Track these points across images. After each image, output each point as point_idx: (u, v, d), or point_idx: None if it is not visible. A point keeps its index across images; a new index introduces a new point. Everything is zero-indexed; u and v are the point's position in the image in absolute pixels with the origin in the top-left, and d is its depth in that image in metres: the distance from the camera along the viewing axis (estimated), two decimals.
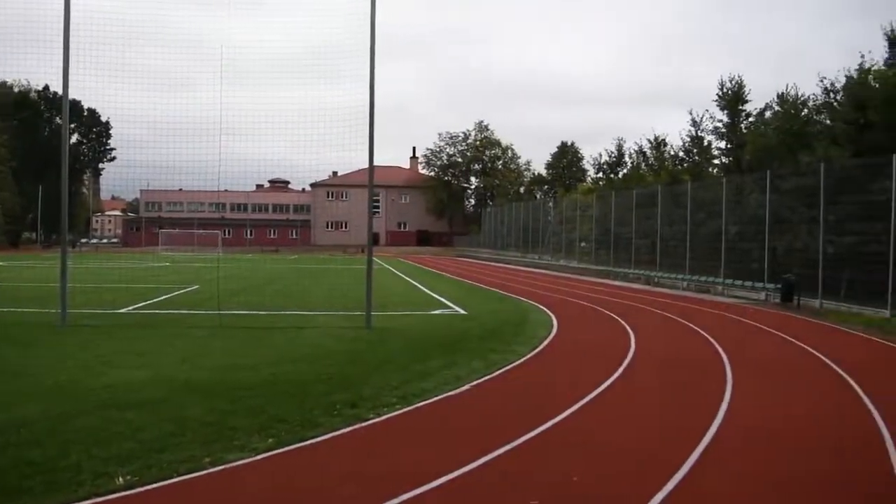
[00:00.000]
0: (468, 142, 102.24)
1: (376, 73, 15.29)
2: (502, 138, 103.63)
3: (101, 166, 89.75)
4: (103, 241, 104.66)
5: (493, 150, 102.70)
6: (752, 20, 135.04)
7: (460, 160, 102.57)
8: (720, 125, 49.54)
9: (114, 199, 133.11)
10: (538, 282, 33.58)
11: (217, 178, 15.66)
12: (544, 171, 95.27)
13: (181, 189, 75.33)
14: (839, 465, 6.43)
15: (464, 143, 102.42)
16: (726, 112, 48.58)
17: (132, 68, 16.13)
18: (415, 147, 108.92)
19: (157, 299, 20.99)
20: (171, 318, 16.73)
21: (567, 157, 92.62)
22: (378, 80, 15.38)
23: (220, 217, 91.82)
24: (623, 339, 14.34)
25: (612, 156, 70.61)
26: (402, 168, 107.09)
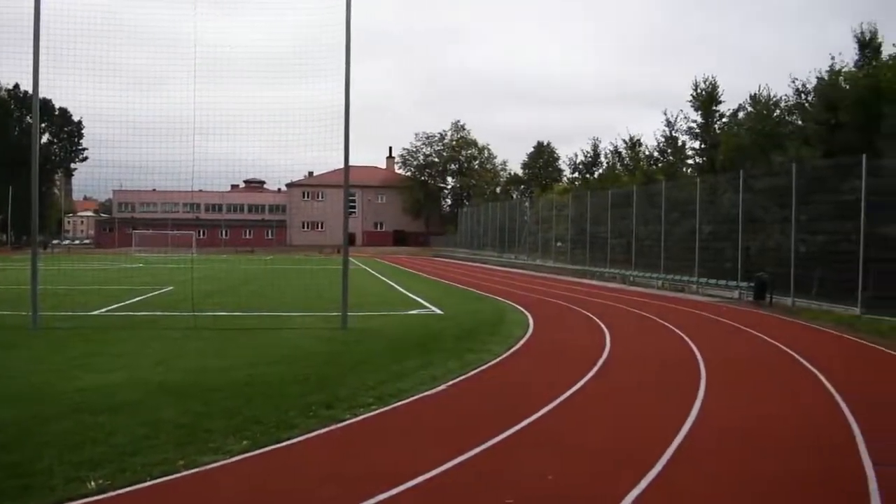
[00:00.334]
0: (444, 142, 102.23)
1: (352, 73, 15.23)
2: (479, 138, 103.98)
3: (72, 166, 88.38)
4: (76, 242, 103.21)
5: (470, 150, 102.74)
6: (727, 22, 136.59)
7: (437, 160, 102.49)
8: (694, 125, 50.35)
9: (86, 199, 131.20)
10: (515, 281, 33.68)
11: (191, 178, 15.52)
12: (521, 171, 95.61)
13: (155, 189, 73.61)
14: (811, 463, 6.51)
15: (440, 143, 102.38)
16: (700, 112, 49.29)
17: (104, 67, 15.84)
18: (391, 147, 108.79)
19: (131, 301, 20.76)
20: (146, 320, 16.56)
21: (543, 157, 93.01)
22: (354, 79, 15.32)
23: (195, 217, 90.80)
24: (599, 339, 14.45)
25: (588, 156, 71.19)
26: (379, 168, 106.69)
